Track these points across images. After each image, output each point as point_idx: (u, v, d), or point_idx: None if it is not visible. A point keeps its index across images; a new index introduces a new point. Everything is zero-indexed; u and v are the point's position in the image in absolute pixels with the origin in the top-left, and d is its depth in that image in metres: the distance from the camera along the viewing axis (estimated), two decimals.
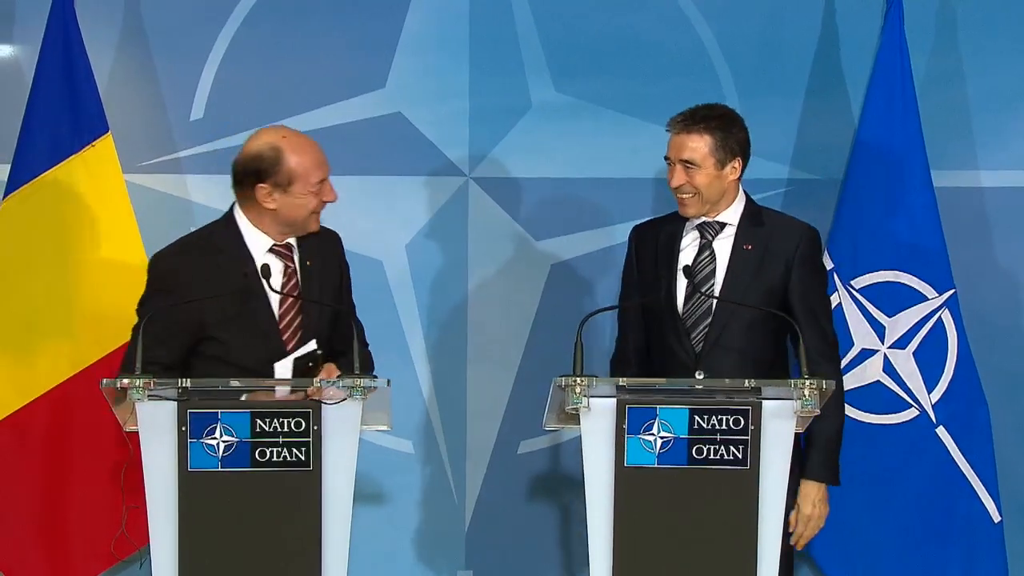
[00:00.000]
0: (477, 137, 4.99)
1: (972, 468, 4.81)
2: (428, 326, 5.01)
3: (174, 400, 3.69)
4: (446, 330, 5.00)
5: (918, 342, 4.83)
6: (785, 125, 5.01)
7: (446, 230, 4.99)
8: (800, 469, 4.24)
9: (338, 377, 3.77)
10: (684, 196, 4.26)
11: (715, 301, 4.22)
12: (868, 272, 4.83)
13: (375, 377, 3.75)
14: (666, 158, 4.28)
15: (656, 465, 3.75)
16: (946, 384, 4.82)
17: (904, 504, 4.81)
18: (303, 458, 3.71)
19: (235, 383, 3.80)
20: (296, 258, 4.09)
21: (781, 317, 4.12)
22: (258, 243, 4.05)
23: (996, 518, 4.81)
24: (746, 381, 3.79)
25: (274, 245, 4.06)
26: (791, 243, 4.26)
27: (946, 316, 4.83)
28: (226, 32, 4.93)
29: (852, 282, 4.84)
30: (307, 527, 3.69)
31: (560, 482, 4.65)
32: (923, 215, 4.83)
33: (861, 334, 4.83)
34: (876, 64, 4.88)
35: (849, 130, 4.95)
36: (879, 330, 4.84)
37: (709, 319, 4.25)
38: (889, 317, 4.83)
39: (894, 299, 4.83)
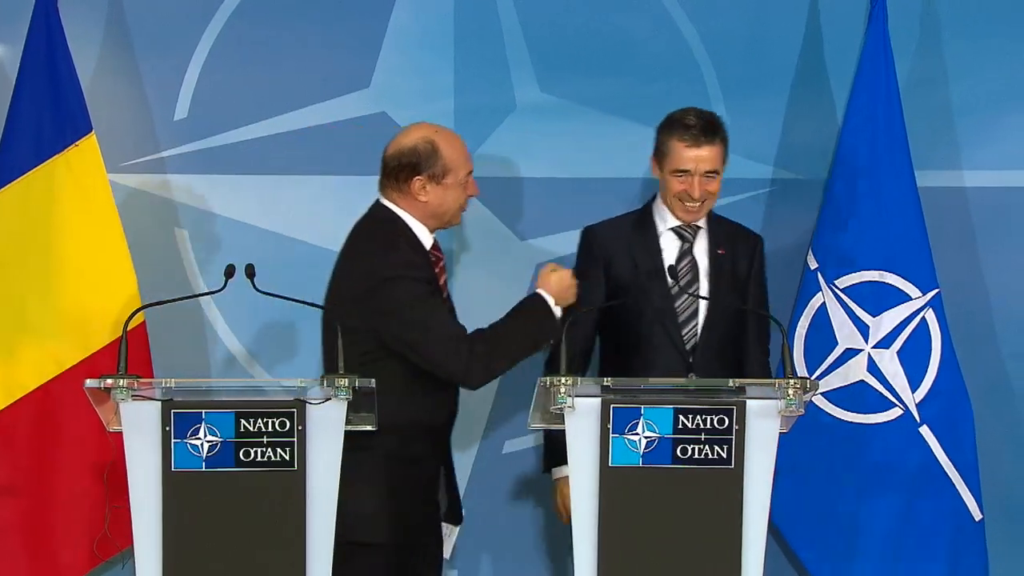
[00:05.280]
0: (462, 137, 4.98)
1: (955, 467, 4.82)
2: None
3: (158, 400, 3.68)
4: None
5: (902, 342, 4.84)
6: (769, 125, 5.01)
7: None
8: None
9: (322, 377, 3.76)
10: (697, 204, 4.37)
11: (701, 302, 4.33)
12: (852, 272, 4.84)
13: (360, 377, 3.75)
14: (679, 170, 4.34)
15: (641, 465, 3.76)
16: (930, 383, 4.83)
17: (888, 503, 4.82)
18: (287, 458, 3.71)
19: (219, 382, 3.79)
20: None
21: (739, 321, 4.33)
22: (423, 235, 4.18)
23: (977, 516, 4.82)
24: (730, 381, 3.80)
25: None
26: (749, 251, 4.45)
27: (930, 316, 4.84)
28: (210, 31, 4.92)
29: (836, 282, 4.85)
30: (291, 527, 3.69)
31: (545, 482, 4.65)
32: (907, 215, 4.83)
33: (845, 334, 4.84)
34: (860, 64, 4.89)
35: (833, 130, 4.96)
36: (863, 330, 4.85)
37: (696, 321, 4.34)
38: (873, 317, 4.84)
39: (878, 299, 4.83)
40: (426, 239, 4.19)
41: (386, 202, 4.21)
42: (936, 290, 4.84)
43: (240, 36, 4.92)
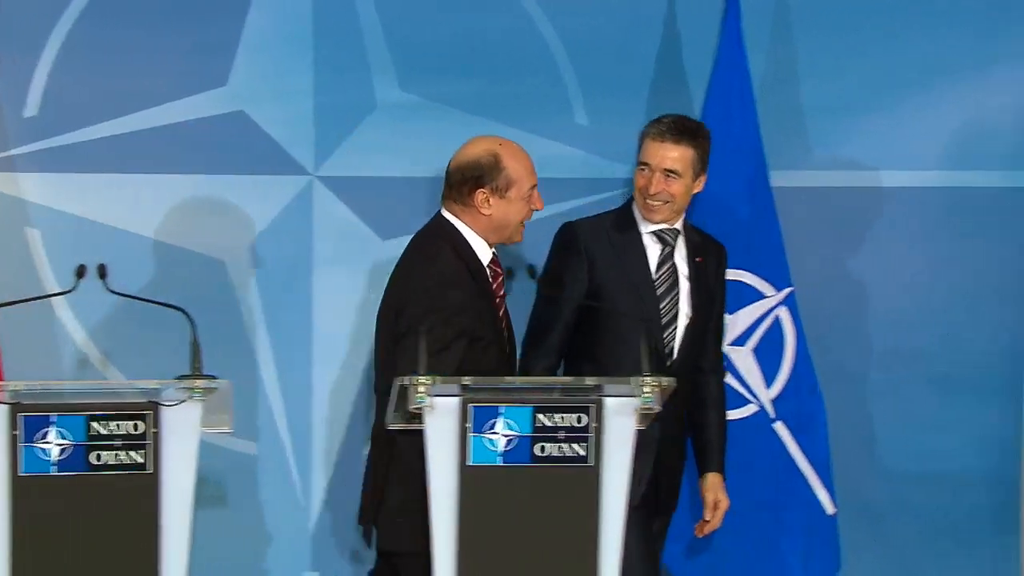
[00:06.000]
0: (322, 136, 4.96)
1: (808, 462, 4.91)
2: (272, 327, 4.96)
3: (5, 403, 3.61)
4: (291, 331, 4.95)
5: (757, 339, 4.92)
6: (629, 125, 5.03)
7: (290, 229, 4.95)
8: (703, 464, 4.54)
9: (177, 379, 3.72)
10: (657, 203, 4.40)
11: (680, 308, 4.41)
12: None
13: (215, 378, 3.71)
14: (642, 163, 4.40)
15: (500, 464, 3.77)
16: (784, 380, 4.92)
17: (744, 498, 4.88)
18: (141, 461, 3.66)
19: (70, 385, 3.74)
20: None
21: (706, 327, 4.46)
22: (480, 248, 4.15)
23: (830, 510, 4.92)
24: (587, 379, 3.83)
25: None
26: (716, 261, 4.53)
27: (784, 313, 4.92)
28: (61, 27, 4.83)
29: None
30: (145, 531, 3.64)
31: None
32: (761, 214, 4.91)
33: None
34: (715, 64, 4.96)
35: None
36: None
37: (676, 325, 4.41)
38: (729, 315, 4.91)
39: (734, 297, 4.89)
40: (484, 253, 4.17)
41: (447, 214, 4.19)
42: (790, 288, 4.92)
43: (92, 32, 4.84)
